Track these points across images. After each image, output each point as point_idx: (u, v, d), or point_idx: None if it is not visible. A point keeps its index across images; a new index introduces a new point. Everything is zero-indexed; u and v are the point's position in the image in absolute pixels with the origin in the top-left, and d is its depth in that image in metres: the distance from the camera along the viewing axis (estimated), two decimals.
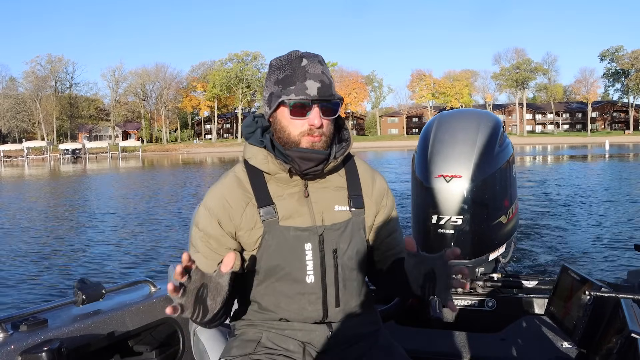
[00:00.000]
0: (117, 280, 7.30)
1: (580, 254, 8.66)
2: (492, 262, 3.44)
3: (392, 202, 2.00)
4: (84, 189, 29.28)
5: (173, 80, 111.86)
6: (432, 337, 2.91)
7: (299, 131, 1.69)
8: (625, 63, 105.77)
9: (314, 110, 1.67)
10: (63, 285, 8.01)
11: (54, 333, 2.04)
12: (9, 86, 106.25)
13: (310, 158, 1.71)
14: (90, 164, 65.48)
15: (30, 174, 47.52)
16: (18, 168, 61.54)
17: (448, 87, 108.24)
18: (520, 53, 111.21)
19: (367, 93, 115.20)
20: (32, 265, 9.55)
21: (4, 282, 8.32)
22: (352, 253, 1.83)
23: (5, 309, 6.71)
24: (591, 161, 42.81)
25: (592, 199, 16.41)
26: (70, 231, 13.66)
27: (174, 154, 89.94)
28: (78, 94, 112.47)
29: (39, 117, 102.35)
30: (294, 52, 1.72)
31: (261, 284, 1.82)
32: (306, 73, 1.67)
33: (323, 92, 1.67)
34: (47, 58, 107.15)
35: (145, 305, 2.49)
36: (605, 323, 1.83)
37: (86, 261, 9.83)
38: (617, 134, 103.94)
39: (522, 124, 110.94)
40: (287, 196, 1.79)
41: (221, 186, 1.83)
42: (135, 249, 10.76)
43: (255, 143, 1.80)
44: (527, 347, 2.70)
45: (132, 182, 32.49)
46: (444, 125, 3.38)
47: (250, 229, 1.77)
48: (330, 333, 1.82)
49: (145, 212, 16.96)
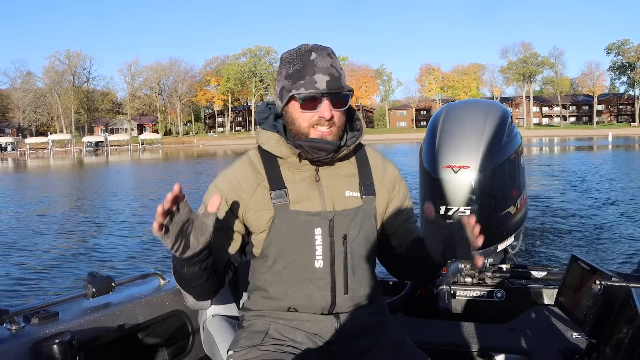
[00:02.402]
0: (128, 273, 7.29)
1: (590, 244, 8.56)
2: (501, 252, 3.40)
3: (405, 190, 1.97)
4: (106, 180, 29.54)
5: (187, 74, 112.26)
6: (440, 328, 2.86)
7: (309, 123, 1.69)
8: (631, 56, 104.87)
9: (323, 103, 1.67)
10: (73, 278, 8.02)
11: (64, 326, 2.03)
12: (26, 80, 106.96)
13: (321, 148, 1.70)
14: (112, 156, 66.22)
15: (56, 165, 48.37)
16: (44, 160, 62.33)
17: (456, 81, 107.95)
18: (527, 47, 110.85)
19: (377, 87, 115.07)
20: (43, 259, 9.57)
21: (16, 275, 8.36)
22: (361, 240, 1.80)
23: (16, 302, 6.70)
24: (596, 151, 43.07)
25: (600, 189, 16.26)
26: (82, 224, 13.72)
27: (190, 146, 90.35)
28: (95, 88, 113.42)
29: (58, 111, 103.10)
30: (303, 46, 1.71)
31: (269, 271, 1.79)
32: (315, 67, 1.66)
33: (332, 85, 1.66)
34: (65, 53, 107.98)
35: (154, 297, 2.47)
36: (615, 313, 1.77)
37: (96, 254, 9.84)
38: (623, 126, 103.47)
39: (529, 117, 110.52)
40: (298, 180, 1.78)
41: (234, 167, 1.83)
42: (145, 241, 10.75)
43: (268, 127, 1.80)
44: (537, 338, 2.66)
45: (151, 173, 32.71)
46: (452, 115, 3.31)
47: (259, 210, 1.75)
48: (338, 324, 1.80)
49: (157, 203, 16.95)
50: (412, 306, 3.05)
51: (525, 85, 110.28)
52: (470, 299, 3.10)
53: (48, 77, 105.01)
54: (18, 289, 7.56)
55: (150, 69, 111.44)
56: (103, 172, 36.02)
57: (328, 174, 1.80)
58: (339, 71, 1.69)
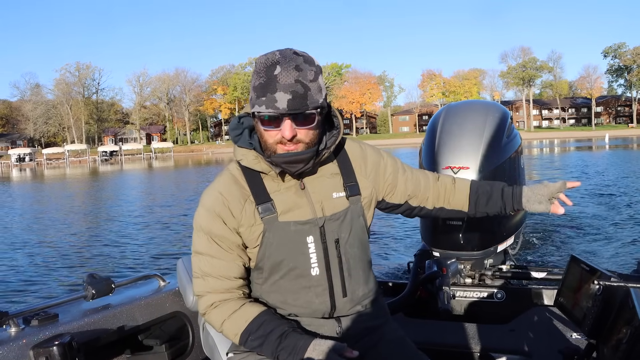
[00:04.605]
0: (127, 275, 7.25)
1: (590, 244, 8.47)
2: (501, 253, 3.36)
3: (391, 161, 1.93)
4: (117, 187, 29.62)
5: (193, 84, 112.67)
6: (441, 329, 2.82)
7: (274, 140, 1.59)
8: (627, 59, 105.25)
9: (285, 123, 1.55)
10: (72, 280, 8.01)
11: (64, 327, 2.01)
12: (35, 92, 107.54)
13: (295, 161, 1.61)
14: (126, 165, 66.96)
15: (75, 173, 49.16)
16: (61, 169, 62.90)
17: (458, 86, 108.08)
18: (526, 51, 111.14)
19: (380, 93, 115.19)
20: (43, 261, 9.57)
21: (16, 277, 8.35)
22: (353, 241, 1.77)
23: (16, 304, 6.71)
24: (594, 151, 43.35)
25: (600, 190, 16.15)
26: (83, 226, 13.80)
27: (199, 154, 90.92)
28: (104, 99, 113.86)
29: (69, 121, 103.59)
30: (271, 56, 1.56)
31: (266, 282, 1.75)
32: (277, 83, 1.51)
33: (293, 105, 1.52)
34: (75, 65, 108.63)
35: (154, 299, 2.43)
36: (615, 313, 1.74)
37: (96, 256, 9.84)
38: (621, 127, 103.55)
39: (529, 120, 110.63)
40: (284, 190, 1.71)
41: (217, 184, 1.75)
42: (145, 243, 10.75)
43: (244, 145, 1.69)
44: (537, 338, 2.61)
45: (161, 180, 32.79)
46: (452, 116, 3.26)
47: (250, 226, 1.70)
48: (339, 328, 1.76)
49: (163, 207, 17.02)
50: (412, 307, 3.00)
51: (525, 89, 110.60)
52: (470, 300, 3.05)
53: (59, 89, 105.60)
54: (18, 291, 7.55)
55: (158, 79, 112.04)
56: (125, 179, 36.29)
57: (312, 177, 1.74)
58: (304, 87, 1.53)
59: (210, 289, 1.70)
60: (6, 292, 7.48)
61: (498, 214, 1.98)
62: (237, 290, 1.72)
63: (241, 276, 1.74)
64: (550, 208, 1.88)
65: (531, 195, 1.90)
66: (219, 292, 1.70)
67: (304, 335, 1.61)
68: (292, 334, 1.60)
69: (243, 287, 1.75)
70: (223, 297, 1.70)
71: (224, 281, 1.70)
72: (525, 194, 1.91)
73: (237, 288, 1.72)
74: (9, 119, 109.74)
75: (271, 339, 1.61)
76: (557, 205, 1.87)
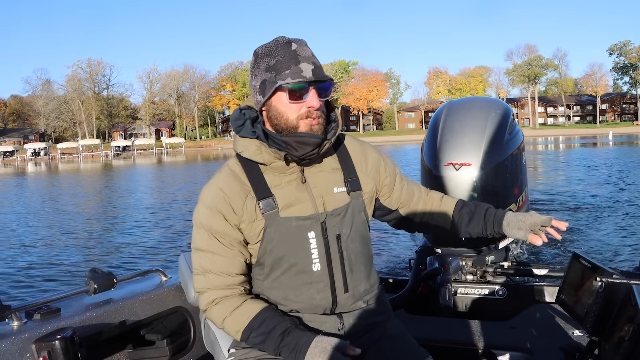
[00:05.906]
0: (129, 270, 7.24)
1: (591, 242, 8.41)
2: (502, 250, 3.33)
3: (391, 165, 1.93)
4: (129, 181, 29.76)
5: (202, 80, 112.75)
6: (442, 326, 2.79)
7: (297, 115, 1.60)
8: (632, 57, 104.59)
9: (311, 93, 1.59)
10: (74, 274, 7.99)
11: (66, 322, 1.99)
12: (46, 88, 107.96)
13: (307, 142, 1.61)
14: (138, 159, 67.08)
15: (86, 168, 49.27)
16: (75, 163, 63.31)
17: (463, 83, 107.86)
18: (532, 49, 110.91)
19: (387, 90, 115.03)
20: (46, 255, 9.57)
21: (18, 272, 8.35)
22: (355, 236, 1.75)
23: (18, 298, 6.71)
24: (598, 148, 43.19)
25: (602, 186, 16.07)
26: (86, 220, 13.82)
27: (209, 149, 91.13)
28: (114, 95, 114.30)
29: (80, 117, 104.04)
30: (280, 38, 1.63)
31: (267, 278, 1.73)
32: (298, 56, 1.57)
33: (317, 73, 1.58)
34: (87, 62, 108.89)
35: (156, 294, 2.42)
36: (616, 310, 1.73)
37: (98, 250, 9.84)
38: (627, 125, 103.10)
39: (534, 117, 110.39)
40: (285, 184, 1.69)
41: (217, 180, 1.72)
42: (147, 237, 10.73)
43: (247, 135, 1.68)
44: (538, 335, 2.58)
45: (171, 174, 32.87)
46: (454, 113, 3.24)
47: (251, 222, 1.67)
48: (341, 324, 1.74)
49: (167, 202, 17.03)
50: (414, 303, 2.98)
51: (530, 87, 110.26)
52: (472, 297, 3.03)
53: (70, 84, 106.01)
54: (20, 285, 7.55)
55: (168, 75, 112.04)
56: (137, 173, 36.49)
57: (313, 172, 1.72)
58: (319, 61, 1.61)
59: (211, 286, 1.69)
60: (8, 286, 7.48)
61: (480, 235, 1.95)
62: (238, 286, 1.71)
63: (242, 272, 1.72)
64: (528, 237, 1.83)
65: (512, 220, 1.87)
66: (220, 289, 1.69)
67: (307, 332, 1.60)
68: (294, 331, 1.59)
69: (244, 284, 1.74)
70: (224, 293, 1.69)
71: (225, 277, 1.69)
72: (507, 218, 1.88)
73: (238, 284, 1.71)
74: (20, 114, 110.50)
75: (273, 336, 1.59)
76: (536, 237, 1.82)
